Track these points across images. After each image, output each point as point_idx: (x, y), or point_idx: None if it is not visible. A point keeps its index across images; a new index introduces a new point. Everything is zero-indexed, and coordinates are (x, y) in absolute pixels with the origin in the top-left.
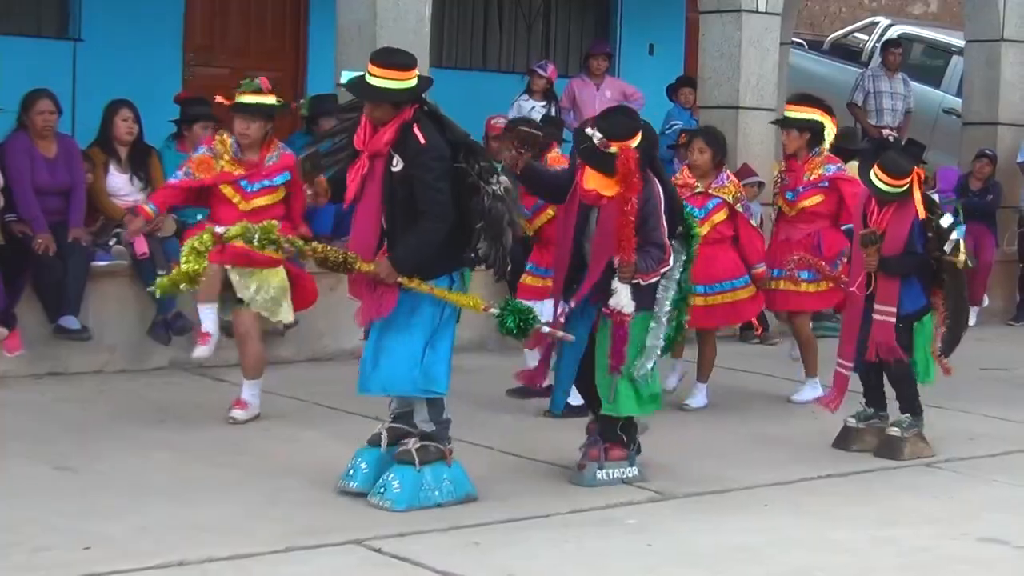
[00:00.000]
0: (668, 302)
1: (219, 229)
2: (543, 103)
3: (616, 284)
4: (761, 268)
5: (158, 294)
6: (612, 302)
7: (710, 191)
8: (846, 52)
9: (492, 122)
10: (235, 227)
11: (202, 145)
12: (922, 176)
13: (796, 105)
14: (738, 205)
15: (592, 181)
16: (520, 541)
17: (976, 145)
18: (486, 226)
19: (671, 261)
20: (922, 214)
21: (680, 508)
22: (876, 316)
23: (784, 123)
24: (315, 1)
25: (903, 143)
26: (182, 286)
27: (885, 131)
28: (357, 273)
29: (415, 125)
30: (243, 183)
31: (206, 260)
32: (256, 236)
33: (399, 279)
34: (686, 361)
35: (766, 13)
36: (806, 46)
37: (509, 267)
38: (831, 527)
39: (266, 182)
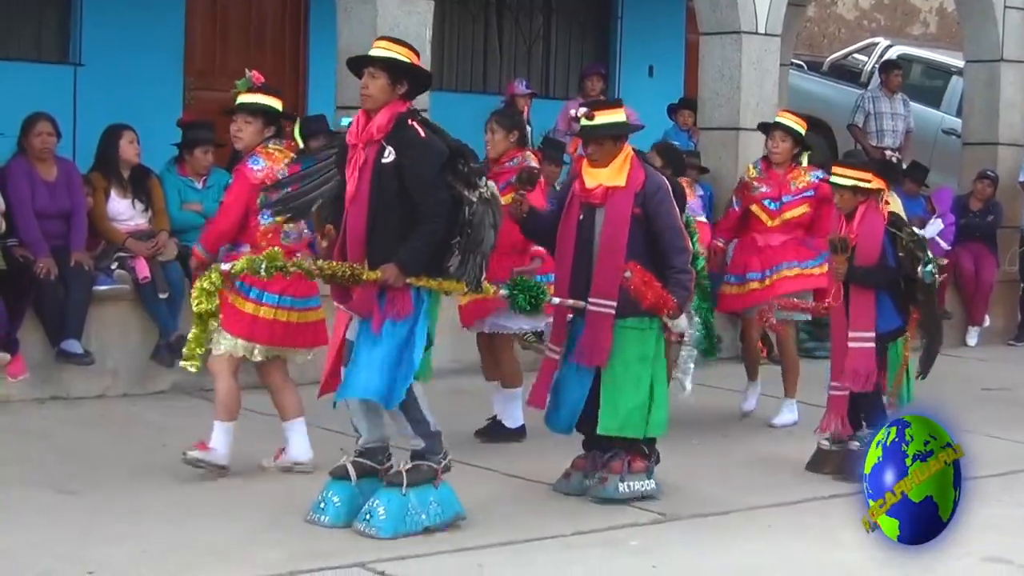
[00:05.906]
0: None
1: (224, 266)
2: None
3: (671, 323)
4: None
5: (193, 368)
6: (675, 329)
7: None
8: (845, 73)
9: None
10: (240, 261)
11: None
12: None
13: (789, 114)
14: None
15: (593, 177)
16: (524, 563)
17: (976, 165)
18: (464, 240)
19: (692, 259)
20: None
21: (684, 530)
22: (852, 344)
23: (779, 128)
24: (315, 24)
25: (907, 165)
26: (209, 326)
27: (887, 152)
28: (364, 284)
29: (412, 120)
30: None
31: (216, 299)
32: (263, 266)
33: (407, 280)
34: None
35: (765, 35)
36: (805, 67)
37: (484, 276)
38: (837, 548)
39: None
